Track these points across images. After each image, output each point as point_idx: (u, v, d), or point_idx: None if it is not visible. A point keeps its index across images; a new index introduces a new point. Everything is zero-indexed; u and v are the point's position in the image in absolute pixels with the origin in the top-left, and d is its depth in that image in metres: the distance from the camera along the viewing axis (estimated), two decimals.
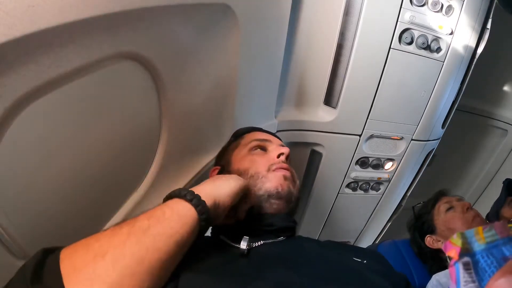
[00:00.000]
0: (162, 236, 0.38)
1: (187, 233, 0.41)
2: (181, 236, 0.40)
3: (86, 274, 0.32)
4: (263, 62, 0.89)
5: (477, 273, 0.24)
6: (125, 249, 0.35)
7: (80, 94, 0.47)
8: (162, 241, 0.38)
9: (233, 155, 0.68)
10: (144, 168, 0.70)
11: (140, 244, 0.36)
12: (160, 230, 0.38)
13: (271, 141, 0.68)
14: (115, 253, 0.34)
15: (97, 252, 0.34)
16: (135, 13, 0.46)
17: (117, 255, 0.34)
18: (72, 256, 0.35)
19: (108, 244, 0.35)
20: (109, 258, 0.34)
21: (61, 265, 0.33)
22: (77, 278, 0.32)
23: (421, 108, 1.17)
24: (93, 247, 0.35)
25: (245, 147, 0.67)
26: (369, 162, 1.29)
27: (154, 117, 0.65)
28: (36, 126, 0.43)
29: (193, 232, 0.42)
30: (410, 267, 1.11)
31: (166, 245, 0.38)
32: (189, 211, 0.42)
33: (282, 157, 0.63)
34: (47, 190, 0.49)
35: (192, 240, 0.42)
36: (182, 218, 0.41)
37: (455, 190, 2.05)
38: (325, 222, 1.46)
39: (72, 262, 0.34)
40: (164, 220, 0.40)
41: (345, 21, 1.00)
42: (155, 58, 0.56)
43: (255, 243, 0.52)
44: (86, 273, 0.32)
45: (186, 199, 0.43)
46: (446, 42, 1.05)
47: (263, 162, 0.62)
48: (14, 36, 0.33)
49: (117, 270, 0.33)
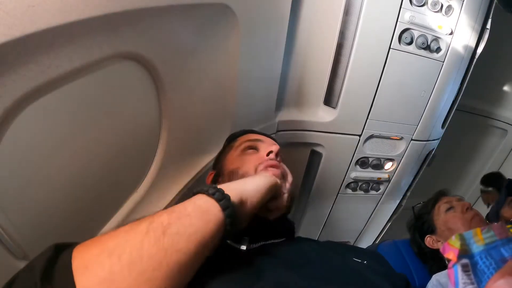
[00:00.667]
0: (182, 236, 0.35)
1: (211, 231, 0.38)
2: (203, 234, 0.37)
3: (100, 276, 0.30)
4: (263, 62, 0.89)
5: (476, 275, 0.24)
6: (142, 250, 0.32)
7: (80, 94, 0.47)
8: (183, 241, 0.35)
9: (226, 158, 0.68)
10: (144, 168, 0.70)
11: (158, 244, 0.33)
12: (180, 228, 0.35)
13: (263, 141, 0.68)
14: (132, 255, 0.31)
15: (112, 251, 0.32)
16: (135, 14, 0.46)
17: (134, 257, 0.31)
18: (86, 255, 0.32)
19: (124, 243, 0.33)
20: (126, 260, 0.31)
21: (73, 264, 0.31)
22: (90, 280, 0.30)
23: (421, 108, 1.17)
24: (108, 245, 0.33)
25: (237, 149, 0.67)
26: (369, 162, 1.29)
27: (154, 117, 0.65)
28: (36, 126, 0.43)
29: (217, 231, 0.39)
30: (410, 267, 1.11)
31: (187, 245, 0.35)
32: (212, 205, 0.40)
33: (271, 155, 0.62)
34: (47, 190, 0.49)
35: (216, 241, 0.39)
36: (205, 214, 0.38)
37: (455, 190, 2.06)
38: (325, 222, 1.46)
39: (85, 261, 0.31)
40: (185, 217, 0.37)
41: (345, 21, 1.00)
42: (155, 58, 0.56)
43: (255, 244, 0.52)
44: (101, 274, 0.30)
45: (208, 193, 0.41)
46: (446, 42, 1.05)
47: (252, 161, 0.62)
48: (14, 36, 0.33)
49: (133, 275, 0.31)
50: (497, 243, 0.24)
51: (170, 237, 0.34)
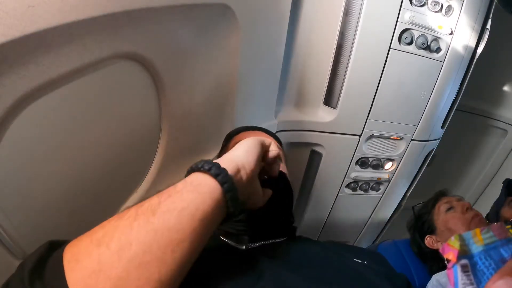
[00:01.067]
0: (173, 212, 0.32)
1: (206, 204, 0.34)
2: (197, 207, 0.33)
3: (90, 267, 0.28)
4: (263, 62, 0.89)
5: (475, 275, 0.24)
6: (131, 235, 0.30)
7: (80, 95, 0.47)
8: (174, 217, 0.32)
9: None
10: (144, 169, 0.70)
11: (148, 226, 0.31)
12: (170, 205, 0.32)
13: None
14: (121, 240, 0.30)
15: (102, 240, 0.30)
16: (135, 14, 0.46)
17: (123, 243, 0.29)
18: (76, 248, 0.31)
19: (113, 230, 0.31)
20: (114, 247, 0.29)
21: (64, 259, 0.30)
22: (80, 272, 0.28)
23: (421, 108, 1.17)
24: (97, 235, 0.31)
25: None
26: (369, 162, 1.29)
27: (154, 117, 0.65)
28: (36, 127, 0.43)
29: (217, 206, 0.35)
30: (410, 267, 1.12)
31: (179, 222, 0.32)
32: (205, 178, 0.36)
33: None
34: (46, 190, 0.49)
35: (217, 217, 0.36)
36: (197, 188, 0.35)
37: (455, 190, 2.05)
38: (325, 222, 1.46)
39: (75, 254, 0.30)
40: (176, 193, 0.34)
41: (345, 21, 1.00)
42: (155, 58, 0.56)
43: (254, 244, 0.52)
44: (90, 266, 0.28)
45: (203, 169, 0.37)
46: (446, 42, 1.05)
47: None
48: (14, 36, 0.33)
49: (122, 261, 0.29)
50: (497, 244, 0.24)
51: (160, 215, 0.31)
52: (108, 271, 0.28)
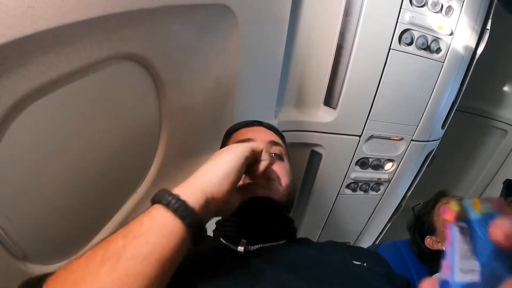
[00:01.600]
0: (138, 258, 0.32)
1: (173, 244, 0.34)
2: (162, 252, 0.33)
3: None
4: (263, 63, 0.89)
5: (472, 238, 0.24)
6: (98, 283, 0.30)
7: (80, 95, 0.47)
8: (139, 263, 0.31)
9: None
10: (144, 169, 0.70)
11: (113, 274, 0.31)
12: (136, 250, 0.32)
13: (254, 140, 0.61)
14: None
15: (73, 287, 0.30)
16: (134, 14, 0.46)
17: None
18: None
19: (81, 276, 0.31)
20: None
21: None
22: None
23: (421, 108, 1.17)
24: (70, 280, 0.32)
25: None
26: (369, 163, 1.29)
27: (154, 117, 0.65)
28: (36, 127, 0.43)
29: (181, 242, 0.35)
30: (410, 268, 1.11)
31: (145, 267, 0.32)
32: (169, 219, 0.35)
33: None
34: (46, 191, 0.49)
35: (181, 254, 0.36)
36: (162, 229, 0.34)
37: (455, 190, 2.05)
38: (325, 222, 1.46)
39: None
40: (141, 235, 0.33)
41: (345, 22, 1.00)
42: (155, 59, 0.56)
43: (253, 247, 0.51)
44: None
45: (163, 203, 0.36)
46: (446, 42, 1.05)
47: None
48: (13, 37, 0.33)
49: None
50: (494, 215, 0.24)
51: (125, 262, 0.31)
52: None
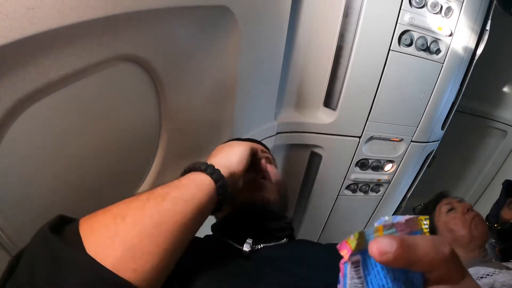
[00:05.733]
0: (180, 200, 0.39)
1: (206, 199, 0.42)
2: (199, 200, 0.41)
3: (106, 234, 0.33)
4: (263, 64, 0.89)
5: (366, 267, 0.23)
6: (144, 212, 0.36)
7: (79, 97, 0.47)
8: (181, 204, 0.38)
9: None
10: (144, 171, 0.69)
11: (158, 207, 0.37)
12: (178, 194, 0.39)
13: None
14: (135, 215, 0.35)
15: (117, 215, 0.35)
16: (134, 16, 0.46)
17: (137, 217, 0.35)
18: (91, 220, 0.35)
19: (127, 208, 0.36)
20: (129, 220, 0.34)
21: (80, 229, 0.34)
22: (96, 238, 0.33)
23: (420, 109, 1.17)
24: (112, 211, 0.36)
25: None
26: (369, 164, 1.29)
27: (154, 119, 0.65)
28: (36, 128, 0.43)
29: (211, 199, 0.43)
30: None
31: (185, 209, 0.38)
32: (206, 179, 0.44)
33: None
34: (46, 192, 0.49)
35: (210, 208, 0.44)
36: (199, 185, 0.43)
37: (455, 191, 2.05)
38: (325, 224, 1.46)
39: (91, 225, 0.34)
40: (182, 186, 0.41)
41: (344, 23, 1.00)
42: (154, 60, 0.56)
43: (257, 246, 0.52)
44: (106, 233, 0.33)
45: (201, 170, 0.45)
46: (445, 43, 1.05)
47: None
48: (13, 38, 0.33)
49: (136, 230, 0.34)
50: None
51: (169, 201, 0.38)
52: (122, 237, 0.33)
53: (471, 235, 1.05)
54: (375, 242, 0.20)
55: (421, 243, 0.21)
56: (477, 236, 1.05)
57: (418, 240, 0.21)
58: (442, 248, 0.21)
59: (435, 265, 0.21)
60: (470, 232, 1.05)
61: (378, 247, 0.20)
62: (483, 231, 1.07)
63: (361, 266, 0.23)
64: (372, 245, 0.20)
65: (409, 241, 0.20)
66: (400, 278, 0.22)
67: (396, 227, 0.23)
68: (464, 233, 1.06)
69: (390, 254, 0.19)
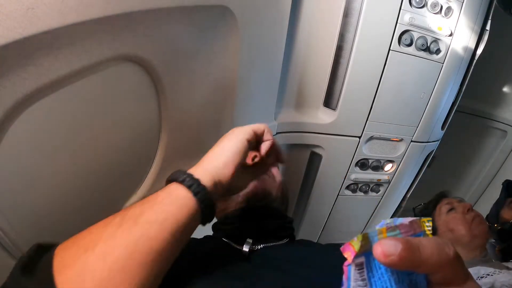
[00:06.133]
0: (154, 223, 0.35)
1: (184, 216, 0.37)
2: (177, 220, 0.36)
3: (77, 270, 0.31)
4: (263, 64, 0.89)
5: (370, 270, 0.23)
6: (115, 241, 0.33)
7: (79, 97, 0.47)
8: (155, 228, 0.34)
9: None
10: (144, 171, 0.69)
11: (130, 235, 0.33)
12: (152, 216, 0.35)
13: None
14: (106, 246, 0.32)
15: (88, 246, 0.32)
16: (134, 15, 0.46)
17: (108, 248, 0.32)
18: (64, 252, 0.33)
19: (99, 237, 0.33)
20: (99, 251, 0.32)
21: (54, 262, 0.32)
22: (67, 275, 0.30)
23: (420, 109, 1.17)
24: (85, 240, 0.34)
25: None
26: (369, 164, 1.29)
27: (154, 119, 0.65)
28: (36, 128, 0.43)
29: (192, 215, 0.38)
30: None
31: (160, 234, 0.34)
32: (182, 192, 0.39)
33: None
34: (46, 192, 0.49)
35: (193, 224, 0.39)
36: (175, 200, 0.38)
37: (455, 191, 2.05)
38: (325, 224, 1.46)
39: (63, 258, 0.32)
40: (157, 204, 0.37)
41: (344, 23, 1.00)
42: (154, 60, 0.56)
43: (257, 246, 0.52)
44: (77, 269, 0.31)
45: (179, 181, 0.40)
46: (445, 43, 1.05)
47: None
48: (13, 38, 0.33)
49: (107, 264, 0.31)
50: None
51: (141, 225, 0.34)
52: (93, 273, 0.31)
53: (472, 235, 1.05)
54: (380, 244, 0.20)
55: (426, 244, 0.21)
56: (478, 236, 1.05)
57: (423, 242, 0.21)
58: (446, 250, 0.21)
59: (439, 267, 0.21)
60: (470, 232, 1.06)
61: (383, 249, 0.20)
62: (483, 231, 1.07)
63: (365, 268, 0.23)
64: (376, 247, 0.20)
65: (413, 243, 0.20)
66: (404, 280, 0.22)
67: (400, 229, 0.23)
68: (465, 233, 1.06)
69: (394, 256, 0.20)
